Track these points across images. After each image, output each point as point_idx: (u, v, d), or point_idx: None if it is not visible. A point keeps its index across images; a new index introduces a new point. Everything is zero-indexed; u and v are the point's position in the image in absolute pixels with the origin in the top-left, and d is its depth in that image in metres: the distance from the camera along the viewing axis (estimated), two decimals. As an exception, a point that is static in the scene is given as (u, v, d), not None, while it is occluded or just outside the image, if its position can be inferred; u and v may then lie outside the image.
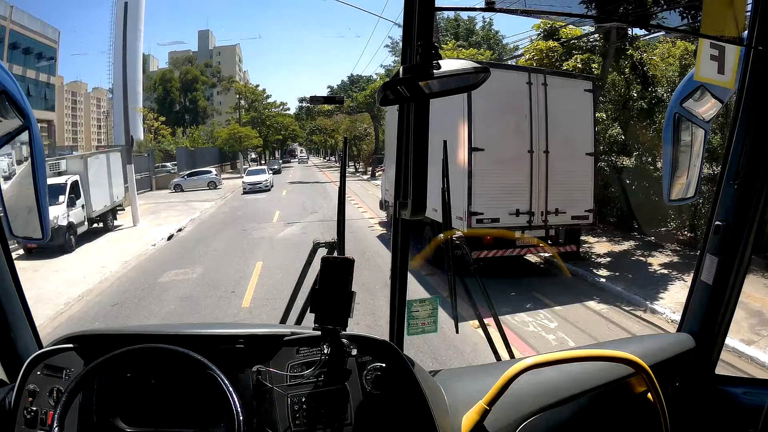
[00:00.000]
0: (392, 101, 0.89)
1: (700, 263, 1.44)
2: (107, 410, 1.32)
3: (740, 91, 1.27)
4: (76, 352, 1.38)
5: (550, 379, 1.35)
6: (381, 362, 1.37)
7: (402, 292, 1.52)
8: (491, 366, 1.53)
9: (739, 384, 1.45)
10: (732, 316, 1.42)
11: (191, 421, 1.33)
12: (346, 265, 1.35)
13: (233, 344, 1.38)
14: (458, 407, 1.33)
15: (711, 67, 1.29)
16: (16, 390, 1.32)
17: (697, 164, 1.41)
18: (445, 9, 1.31)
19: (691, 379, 1.44)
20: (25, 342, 1.46)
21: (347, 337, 1.37)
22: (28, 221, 1.34)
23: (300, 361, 1.38)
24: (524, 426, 1.29)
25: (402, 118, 1.13)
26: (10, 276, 1.42)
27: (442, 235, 1.81)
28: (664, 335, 1.59)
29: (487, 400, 1.22)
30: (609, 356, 1.26)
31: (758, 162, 1.27)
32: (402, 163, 1.16)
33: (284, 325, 1.71)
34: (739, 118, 1.29)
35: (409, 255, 1.46)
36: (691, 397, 1.42)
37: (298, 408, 1.33)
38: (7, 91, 1.19)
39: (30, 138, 1.26)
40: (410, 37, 0.98)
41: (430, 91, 0.88)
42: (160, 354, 1.28)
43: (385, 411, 1.34)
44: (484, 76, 0.87)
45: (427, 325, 1.72)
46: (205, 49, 65.00)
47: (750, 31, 1.20)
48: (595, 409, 1.36)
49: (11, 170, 5.31)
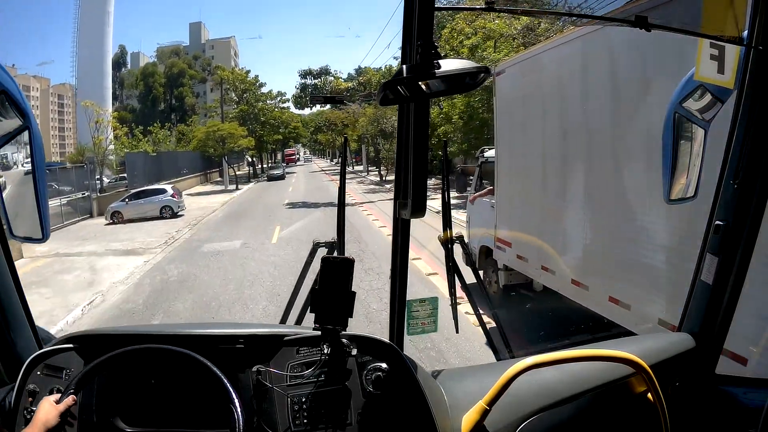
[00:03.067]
0: (392, 101, 0.89)
1: (700, 263, 1.44)
2: (107, 410, 1.32)
3: (740, 90, 1.27)
4: (76, 352, 1.38)
5: (550, 379, 1.35)
6: (381, 362, 1.37)
7: (402, 292, 1.52)
8: (491, 366, 1.53)
9: (739, 384, 1.45)
10: (732, 316, 1.42)
11: (191, 421, 1.34)
12: (346, 265, 1.35)
13: (233, 344, 1.38)
14: (458, 407, 1.33)
15: (711, 66, 1.29)
16: (16, 390, 1.32)
17: (697, 164, 1.41)
18: (445, 9, 1.31)
19: (691, 379, 1.44)
20: (25, 342, 1.46)
21: (347, 337, 1.37)
22: (28, 221, 1.34)
23: (300, 361, 1.38)
24: (524, 426, 1.29)
25: (402, 118, 1.13)
26: (10, 276, 1.42)
27: (442, 235, 1.81)
28: (664, 335, 1.60)
29: (487, 400, 1.22)
30: (609, 356, 1.26)
31: (758, 162, 1.27)
32: (402, 163, 1.17)
33: (284, 325, 1.72)
34: (739, 118, 1.29)
35: (408, 255, 1.47)
36: (691, 397, 1.42)
37: (298, 408, 1.33)
38: (7, 91, 1.19)
39: (30, 138, 1.25)
40: (410, 36, 0.97)
41: (430, 91, 0.88)
42: (160, 354, 1.29)
43: (386, 411, 1.34)
44: (485, 76, 0.87)
45: (427, 325, 1.72)
46: (197, 43, 58.31)
47: (750, 31, 1.20)
48: (595, 409, 1.36)
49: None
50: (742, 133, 1.28)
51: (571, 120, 4.73)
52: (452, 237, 1.80)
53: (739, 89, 1.27)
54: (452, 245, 1.80)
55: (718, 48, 1.26)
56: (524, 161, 5.66)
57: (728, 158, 1.33)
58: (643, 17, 1.10)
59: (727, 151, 1.34)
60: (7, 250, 1.40)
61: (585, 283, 4.51)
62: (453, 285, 1.79)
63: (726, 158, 1.34)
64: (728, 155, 1.33)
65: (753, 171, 1.28)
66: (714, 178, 1.38)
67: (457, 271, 1.78)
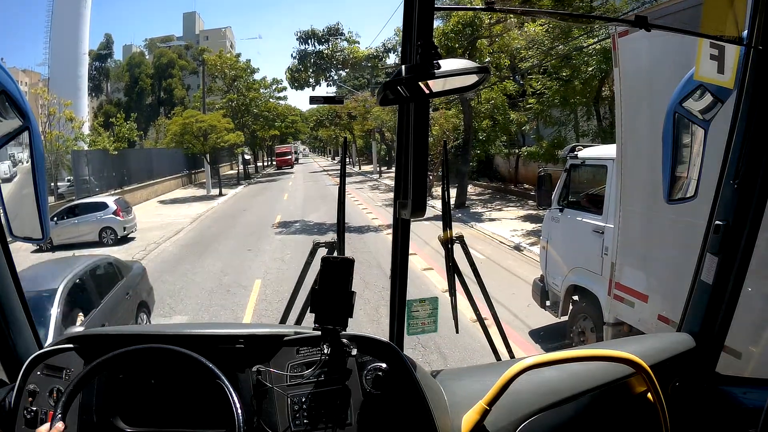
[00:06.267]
0: (392, 101, 0.90)
1: (700, 263, 1.44)
2: (107, 410, 1.32)
3: (740, 90, 1.27)
4: (76, 352, 1.38)
5: (550, 379, 1.35)
6: (381, 362, 1.37)
7: (402, 292, 1.52)
8: (491, 366, 1.53)
9: (739, 384, 1.45)
10: (732, 316, 1.42)
11: (191, 421, 1.34)
12: (346, 265, 1.35)
13: (233, 344, 1.38)
14: (458, 407, 1.33)
15: (711, 66, 1.29)
16: (16, 390, 1.32)
17: (697, 164, 1.41)
18: (445, 9, 1.31)
19: (691, 379, 1.44)
20: (25, 342, 1.46)
21: (347, 337, 1.37)
22: (28, 221, 1.34)
23: (300, 361, 1.38)
24: (524, 426, 1.29)
25: (402, 118, 1.13)
26: (10, 276, 1.42)
27: (442, 235, 1.81)
28: (664, 335, 1.59)
29: (487, 400, 1.22)
30: (609, 356, 1.26)
31: (758, 162, 1.27)
32: (402, 163, 1.17)
33: (284, 325, 1.72)
34: (739, 118, 1.29)
35: (408, 255, 1.47)
36: (691, 397, 1.42)
37: (298, 408, 1.33)
38: (7, 91, 1.19)
39: (30, 138, 1.25)
40: (410, 36, 0.98)
41: (430, 91, 0.88)
42: (160, 354, 1.28)
43: (386, 411, 1.34)
44: (485, 76, 0.87)
45: (426, 325, 1.73)
46: (191, 34, 54.49)
47: (750, 31, 1.20)
48: (595, 409, 1.36)
49: (12, 172, 5.15)
50: (742, 133, 1.29)
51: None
52: (452, 237, 1.80)
53: (739, 89, 1.28)
54: (452, 245, 1.80)
55: (718, 48, 1.26)
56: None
57: (728, 158, 1.34)
58: (643, 17, 1.11)
59: (727, 151, 1.34)
60: (7, 250, 1.41)
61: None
62: (453, 285, 1.79)
63: (726, 158, 1.34)
64: (728, 155, 1.34)
65: (753, 171, 1.28)
66: (714, 178, 1.39)
67: (457, 271, 1.78)
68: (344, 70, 20.80)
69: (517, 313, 6.01)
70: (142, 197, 21.16)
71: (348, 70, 21.86)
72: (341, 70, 20.67)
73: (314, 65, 18.87)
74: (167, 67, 48.51)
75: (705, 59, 1.29)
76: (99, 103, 48.87)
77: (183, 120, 23.13)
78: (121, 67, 49.21)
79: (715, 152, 1.37)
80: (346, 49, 18.95)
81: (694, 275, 1.47)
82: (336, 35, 19.07)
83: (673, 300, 3.47)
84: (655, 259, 3.73)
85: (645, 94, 3.72)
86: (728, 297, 1.39)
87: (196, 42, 52.09)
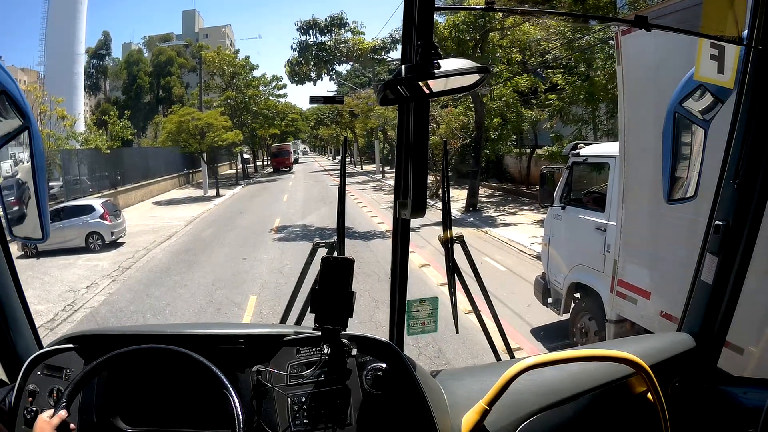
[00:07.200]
0: (392, 101, 0.90)
1: (700, 263, 1.44)
2: (107, 410, 1.32)
3: (740, 90, 1.27)
4: (76, 352, 1.38)
5: (550, 379, 1.35)
6: (381, 362, 1.37)
7: (402, 292, 1.52)
8: (491, 366, 1.53)
9: (739, 384, 1.45)
10: (732, 316, 1.42)
11: (191, 421, 1.34)
12: (346, 265, 1.35)
13: (233, 344, 1.38)
14: (458, 407, 1.33)
15: (711, 66, 1.29)
16: (16, 390, 1.32)
17: (697, 164, 1.41)
18: (445, 9, 1.31)
19: (691, 379, 1.44)
20: (25, 342, 1.46)
21: (347, 337, 1.37)
22: (27, 221, 1.34)
23: (300, 361, 1.38)
24: (524, 426, 1.29)
25: (402, 117, 1.13)
26: (10, 276, 1.42)
27: (442, 235, 1.81)
28: (664, 335, 1.60)
29: (487, 400, 1.22)
30: (609, 356, 1.26)
31: (758, 162, 1.27)
32: (402, 163, 1.17)
33: (284, 325, 1.72)
34: (739, 118, 1.29)
35: (408, 255, 1.47)
36: (691, 397, 1.42)
37: (298, 408, 1.33)
38: (7, 91, 1.19)
39: (30, 138, 1.25)
40: (410, 36, 0.98)
41: (430, 91, 0.88)
42: (161, 354, 1.28)
43: (385, 411, 1.34)
44: (485, 75, 0.87)
45: (426, 325, 1.72)
46: (191, 32, 53.88)
47: (750, 31, 1.20)
48: (595, 409, 1.36)
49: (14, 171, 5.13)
50: (742, 133, 1.29)
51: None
52: (452, 237, 1.80)
53: (738, 89, 1.28)
54: (452, 245, 1.80)
55: (718, 48, 1.27)
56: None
57: (728, 158, 1.34)
58: (643, 17, 1.11)
59: (727, 151, 1.34)
60: (7, 250, 1.41)
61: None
62: (453, 285, 1.79)
63: (726, 158, 1.34)
64: (728, 155, 1.34)
65: (753, 171, 1.28)
66: (714, 178, 1.39)
67: (457, 271, 1.78)
68: (348, 62, 19.31)
69: (524, 318, 5.68)
70: (137, 198, 20.54)
71: (352, 63, 20.47)
72: (345, 63, 19.21)
73: (316, 57, 17.40)
74: (166, 65, 48.15)
75: (705, 59, 1.29)
76: (97, 102, 48.30)
77: (179, 118, 22.20)
78: (120, 65, 48.83)
79: (715, 152, 1.37)
80: (350, 40, 17.69)
81: (694, 275, 1.47)
82: (340, 25, 17.66)
83: (676, 297, 3.30)
84: (658, 256, 3.73)
85: (648, 92, 3.74)
86: (728, 297, 1.39)
87: (196, 40, 51.25)
